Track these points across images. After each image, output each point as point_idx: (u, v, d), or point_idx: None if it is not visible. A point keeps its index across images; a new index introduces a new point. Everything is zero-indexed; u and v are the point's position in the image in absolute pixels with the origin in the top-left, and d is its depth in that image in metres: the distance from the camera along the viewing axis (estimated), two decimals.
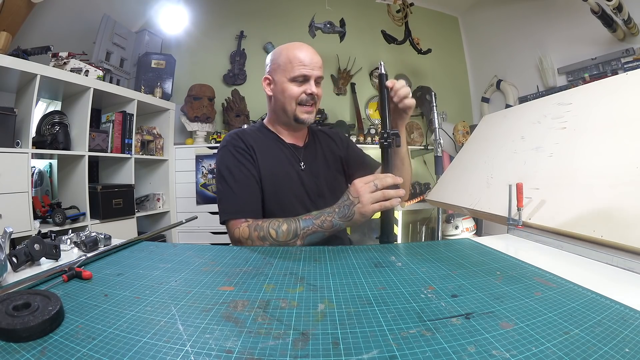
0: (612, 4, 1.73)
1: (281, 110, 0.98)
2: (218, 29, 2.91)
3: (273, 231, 0.82)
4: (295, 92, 0.94)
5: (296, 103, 0.95)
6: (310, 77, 0.94)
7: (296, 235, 0.82)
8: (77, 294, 0.49)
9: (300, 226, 0.82)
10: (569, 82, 2.31)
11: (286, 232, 0.82)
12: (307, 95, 0.95)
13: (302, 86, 0.94)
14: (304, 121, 0.97)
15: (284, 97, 0.96)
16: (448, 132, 2.99)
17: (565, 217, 0.76)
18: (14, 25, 1.77)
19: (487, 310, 0.43)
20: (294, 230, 0.82)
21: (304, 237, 0.82)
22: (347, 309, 0.44)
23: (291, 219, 0.84)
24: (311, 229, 0.82)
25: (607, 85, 0.92)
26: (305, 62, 0.93)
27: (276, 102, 0.99)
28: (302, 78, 0.93)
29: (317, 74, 0.95)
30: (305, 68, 0.93)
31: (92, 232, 0.79)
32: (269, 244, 0.82)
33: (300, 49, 0.95)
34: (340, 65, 3.06)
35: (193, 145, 2.59)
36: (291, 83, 0.94)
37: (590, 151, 0.82)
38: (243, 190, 0.91)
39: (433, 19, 3.29)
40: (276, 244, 0.82)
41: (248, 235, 0.84)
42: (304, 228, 0.82)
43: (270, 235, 0.82)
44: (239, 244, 0.86)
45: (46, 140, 1.77)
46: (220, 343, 0.36)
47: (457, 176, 1.40)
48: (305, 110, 0.96)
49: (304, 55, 0.94)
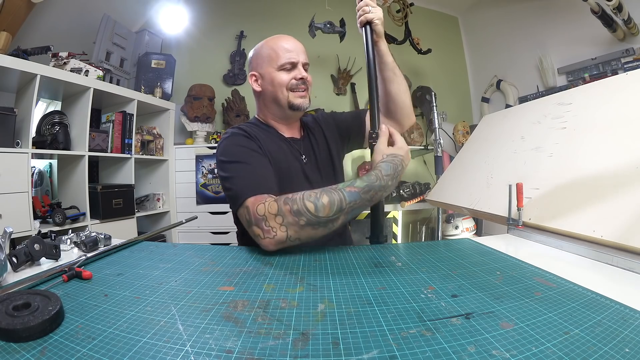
0: (612, 4, 1.73)
1: (273, 102, 0.95)
2: (218, 29, 2.91)
3: (311, 204, 0.67)
4: (285, 78, 0.91)
5: (287, 89, 0.92)
6: (297, 63, 0.92)
7: (340, 210, 0.67)
8: (77, 294, 0.49)
9: (347, 200, 0.68)
10: (569, 82, 2.31)
11: (328, 205, 0.67)
12: (297, 80, 0.92)
13: (290, 73, 0.92)
14: (299, 106, 0.93)
15: (274, 86, 0.93)
16: (448, 132, 2.98)
17: (565, 217, 0.76)
18: (14, 25, 1.77)
19: (487, 310, 0.43)
20: (338, 203, 0.67)
21: (348, 212, 0.68)
22: (347, 309, 0.44)
23: (330, 189, 0.69)
24: (358, 203, 0.69)
25: (607, 85, 0.92)
26: (289, 48, 0.92)
27: (266, 96, 0.96)
28: (290, 65, 0.92)
29: (304, 60, 0.94)
30: (291, 54, 0.92)
31: (92, 232, 0.79)
32: (305, 221, 0.67)
33: (281, 39, 0.94)
34: (340, 65, 3.06)
35: (193, 145, 2.59)
36: (279, 72, 0.92)
37: (590, 151, 0.82)
38: (260, 169, 0.81)
39: (433, 19, 3.28)
40: (314, 222, 0.67)
41: (277, 210, 0.68)
42: (350, 202, 0.68)
43: (307, 209, 0.66)
44: (263, 225, 0.69)
45: (46, 140, 1.77)
46: (220, 343, 0.36)
47: (457, 176, 1.40)
48: (299, 95, 0.93)
49: (286, 43, 0.93)
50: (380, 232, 0.82)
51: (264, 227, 0.69)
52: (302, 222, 0.67)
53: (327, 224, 0.68)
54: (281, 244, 0.69)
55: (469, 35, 3.34)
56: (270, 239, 0.69)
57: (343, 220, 0.69)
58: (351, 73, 3.08)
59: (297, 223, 0.67)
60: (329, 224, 0.68)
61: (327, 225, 0.68)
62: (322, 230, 0.69)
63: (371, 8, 0.91)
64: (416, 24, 2.83)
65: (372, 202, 0.72)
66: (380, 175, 0.72)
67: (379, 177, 0.72)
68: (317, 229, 0.68)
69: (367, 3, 0.91)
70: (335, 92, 3.07)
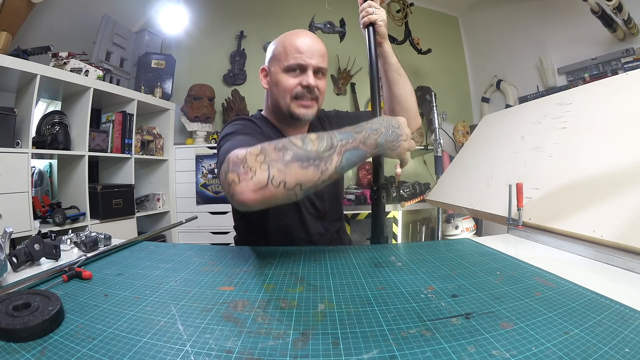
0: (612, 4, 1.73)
1: (276, 105, 0.86)
2: (218, 29, 2.91)
3: (298, 140, 0.57)
4: (289, 84, 0.81)
5: (291, 97, 0.82)
6: (307, 67, 0.81)
7: (332, 147, 0.57)
8: (77, 294, 0.49)
9: (337, 136, 0.59)
10: (569, 82, 2.31)
11: (317, 139, 0.57)
12: (303, 88, 0.81)
13: (297, 77, 0.82)
14: (299, 117, 0.83)
15: (277, 90, 0.84)
16: (448, 132, 2.98)
17: (565, 217, 0.76)
18: (14, 25, 1.77)
19: (487, 310, 0.43)
20: (328, 140, 0.58)
21: (341, 153, 0.58)
22: (347, 309, 0.44)
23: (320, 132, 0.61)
24: (352, 144, 0.59)
25: (607, 85, 0.92)
26: (301, 49, 0.81)
27: (271, 96, 0.88)
28: (298, 68, 0.81)
29: (315, 63, 0.81)
30: (301, 56, 0.80)
31: (92, 232, 0.79)
32: (291, 156, 0.54)
33: (298, 35, 0.83)
34: (340, 65, 3.06)
35: (193, 145, 2.59)
36: (285, 74, 0.82)
37: (590, 151, 0.82)
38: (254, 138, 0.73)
39: (433, 19, 3.29)
40: (302, 156, 0.55)
41: (260, 150, 0.56)
42: (341, 140, 0.59)
43: (293, 143, 0.56)
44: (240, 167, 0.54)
45: (46, 140, 1.77)
46: (220, 343, 0.36)
47: (457, 176, 1.40)
48: (302, 105, 0.83)
49: (301, 42, 0.81)
50: (381, 233, 0.82)
51: (240, 170, 0.54)
52: (288, 156, 0.54)
53: (318, 163, 0.56)
54: (261, 188, 0.53)
55: (469, 35, 3.34)
56: (247, 182, 0.53)
57: (337, 162, 0.57)
58: (351, 73, 3.08)
59: (282, 158, 0.54)
60: (321, 163, 0.56)
61: (318, 164, 0.55)
62: (312, 172, 0.55)
63: (375, 9, 0.91)
64: (416, 24, 2.84)
65: (367, 147, 0.61)
66: (372, 123, 0.64)
67: (372, 123, 0.64)
68: (306, 168, 0.55)
69: (371, 4, 0.91)
70: (335, 92, 3.08)
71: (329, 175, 0.57)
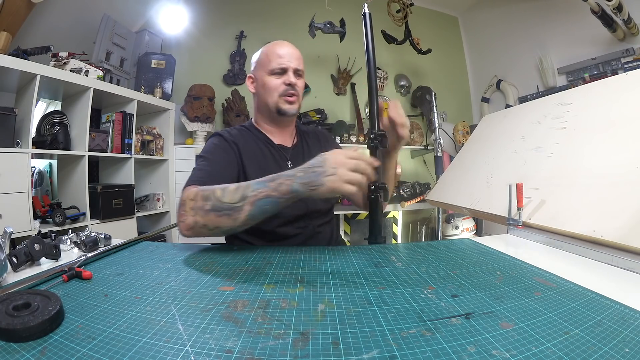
0: (612, 4, 1.73)
1: (264, 105, 0.99)
2: (218, 29, 2.91)
3: (219, 191, 0.69)
4: (275, 83, 0.95)
5: (278, 95, 0.96)
6: (288, 69, 0.95)
7: (244, 199, 0.67)
8: (77, 294, 0.49)
9: (251, 188, 0.67)
10: (569, 82, 2.31)
11: (233, 192, 0.68)
12: (286, 86, 0.95)
13: (281, 78, 0.95)
14: (286, 112, 0.96)
15: (265, 90, 0.97)
16: (448, 132, 2.98)
17: (565, 217, 0.76)
18: (14, 25, 1.77)
19: (487, 310, 0.43)
20: (242, 191, 0.67)
21: (253, 203, 0.67)
22: (347, 309, 0.44)
23: (245, 182, 0.71)
24: (264, 193, 0.66)
25: (607, 85, 0.92)
26: (282, 54, 0.96)
27: (259, 98, 1.00)
28: (280, 70, 0.95)
29: (294, 66, 0.96)
30: (282, 59, 0.95)
31: (92, 232, 0.79)
32: (210, 206, 0.68)
33: (277, 45, 0.98)
34: (340, 65, 3.06)
35: (193, 145, 2.58)
36: (270, 76, 0.96)
37: (590, 151, 0.83)
38: (214, 169, 0.87)
39: (433, 19, 3.29)
40: (218, 208, 0.67)
41: (194, 195, 0.71)
42: (254, 190, 0.67)
43: (214, 194, 0.69)
44: (181, 209, 0.72)
45: (46, 140, 1.77)
46: (220, 343, 0.36)
47: (457, 176, 1.40)
48: (287, 100, 0.96)
49: (281, 50, 0.97)
50: (378, 232, 0.82)
51: (180, 212, 0.72)
52: (207, 206, 0.69)
53: (231, 213, 0.67)
54: (191, 229, 0.71)
55: (469, 36, 3.34)
56: (182, 223, 0.72)
57: (248, 212, 0.66)
58: (351, 73, 3.08)
59: (203, 208, 0.69)
60: (233, 213, 0.67)
61: (230, 213, 0.67)
62: (225, 220, 0.68)
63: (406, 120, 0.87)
64: (416, 24, 2.84)
65: (279, 194, 0.66)
66: (291, 170, 0.68)
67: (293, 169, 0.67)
68: (220, 217, 0.68)
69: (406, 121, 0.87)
70: (335, 92, 3.08)
71: (242, 222, 0.68)
